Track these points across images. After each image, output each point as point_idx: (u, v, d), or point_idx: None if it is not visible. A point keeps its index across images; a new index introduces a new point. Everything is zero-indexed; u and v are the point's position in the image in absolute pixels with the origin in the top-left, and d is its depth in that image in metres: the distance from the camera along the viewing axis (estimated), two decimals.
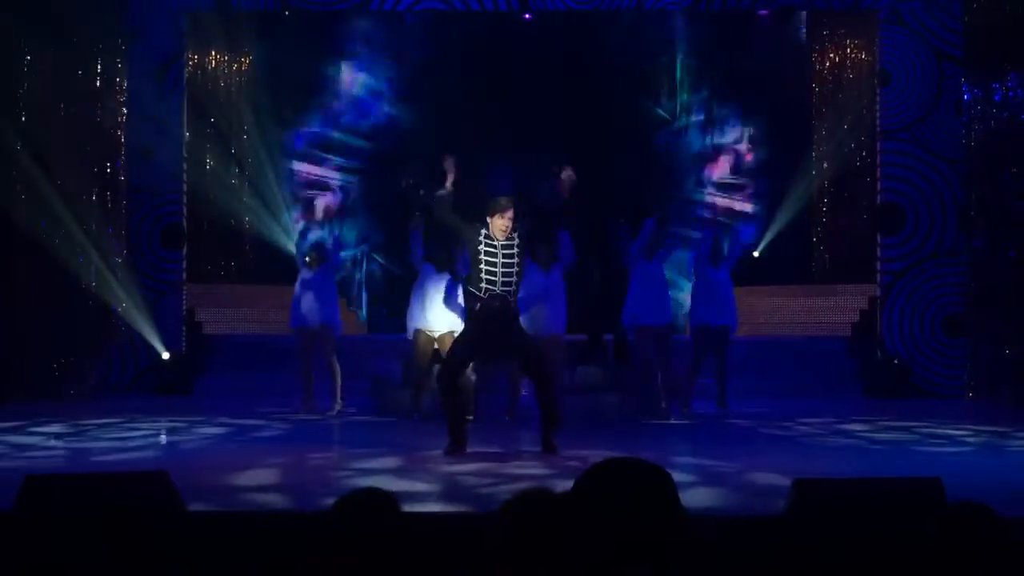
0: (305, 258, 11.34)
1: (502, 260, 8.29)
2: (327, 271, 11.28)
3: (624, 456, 2.74)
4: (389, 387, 11.45)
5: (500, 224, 8.27)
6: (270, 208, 14.99)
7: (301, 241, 11.45)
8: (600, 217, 12.09)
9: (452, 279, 10.52)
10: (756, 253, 15.20)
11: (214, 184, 14.30)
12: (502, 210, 8.28)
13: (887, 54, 13.67)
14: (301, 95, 15.49)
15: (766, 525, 5.35)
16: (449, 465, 7.94)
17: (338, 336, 11.37)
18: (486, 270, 8.28)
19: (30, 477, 5.05)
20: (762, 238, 15.21)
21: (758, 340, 13.52)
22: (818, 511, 4.87)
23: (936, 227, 13.57)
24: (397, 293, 11.64)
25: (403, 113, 15.58)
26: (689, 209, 15.43)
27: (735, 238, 11.84)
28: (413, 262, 10.88)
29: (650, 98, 15.67)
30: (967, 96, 13.24)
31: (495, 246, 8.30)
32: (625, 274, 11.03)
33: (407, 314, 10.87)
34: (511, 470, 7.70)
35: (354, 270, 15.66)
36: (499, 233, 8.29)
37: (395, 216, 12.28)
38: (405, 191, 11.03)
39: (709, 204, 15.62)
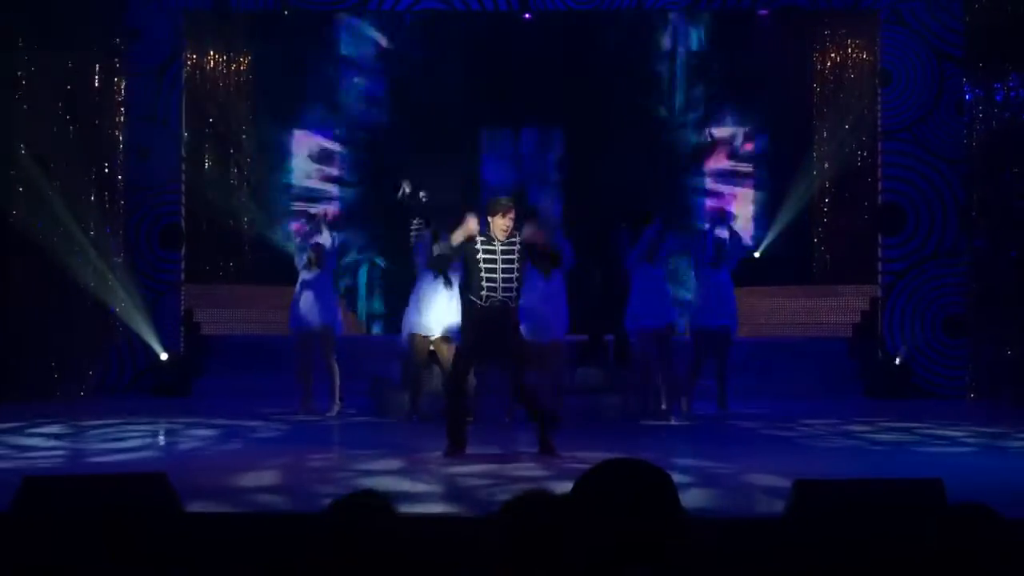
0: (305, 259, 11.31)
1: (502, 265, 8.19)
2: (327, 272, 11.25)
3: (624, 457, 2.72)
4: (388, 388, 11.42)
5: (501, 224, 8.19)
6: (269, 209, 14.98)
7: (301, 242, 11.41)
8: (600, 220, 12.06)
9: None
10: (757, 254, 15.17)
11: (213, 184, 14.28)
12: (504, 210, 8.20)
13: (888, 54, 13.64)
14: (300, 95, 15.46)
15: (766, 526, 5.31)
16: (448, 466, 7.91)
17: (339, 335, 11.34)
18: (486, 276, 8.19)
19: (28, 478, 5.01)
20: (763, 238, 15.18)
21: (758, 341, 13.50)
22: (818, 512, 4.84)
23: (937, 227, 13.53)
24: (396, 293, 11.61)
25: (402, 113, 15.53)
26: (690, 208, 15.40)
27: (736, 241, 11.81)
28: (417, 265, 10.83)
29: (650, 98, 15.63)
30: (968, 96, 13.20)
31: (494, 250, 8.21)
32: (626, 276, 11.00)
33: (403, 317, 10.85)
34: (510, 471, 7.67)
35: (355, 271, 15.64)
36: (500, 233, 8.20)
37: (395, 219, 12.24)
38: (402, 200, 10.95)
39: (712, 195, 15.54)
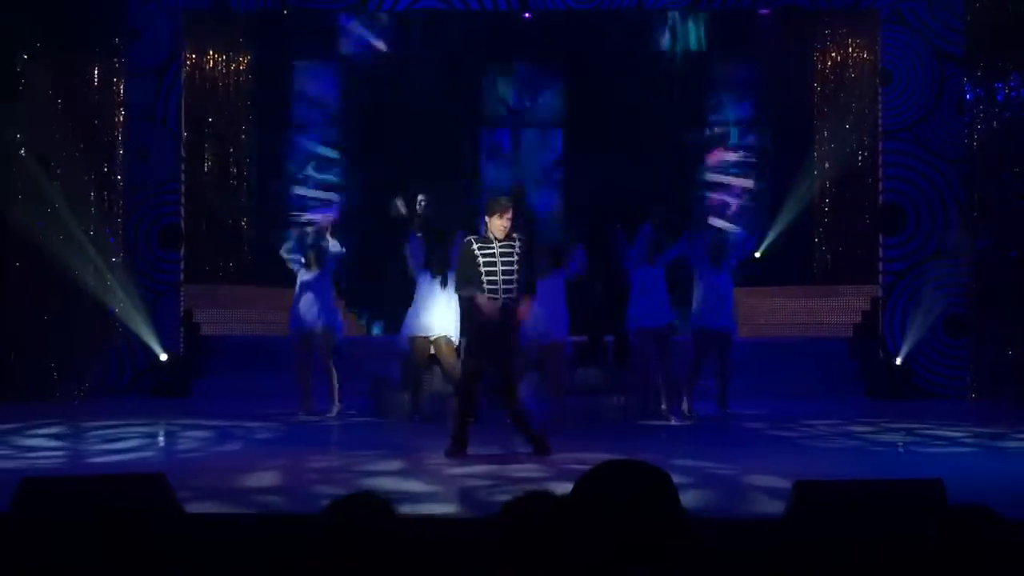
0: (302, 260, 11.27)
1: (501, 265, 8.21)
2: (326, 273, 11.21)
3: (624, 458, 2.71)
4: (388, 388, 11.40)
5: (499, 224, 8.21)
6: (269, 209, 14.95)
7: (294, 244, 11.37)
8: (599, 221, 12.05)
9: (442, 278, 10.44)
10: (758, 254, 15.13)
11: (212, 184, 14.25)
12: (502, 209, 8.22)
13: (888, 54, 13.60)
14: (299, 95, 15.43)
15: (766, 527, 5.31)
16: (449, 467, 7.91)
17: (341, 339, 11.30)
18: (487, 276, 8.21)
19: (26, 479, 5.00)
20: (764, 238, 15.14)
21: (759, 341, 13.45)
22: (819, 513, 4.82)
23: (938, 227, 13.48)
24: (396, 294, 11.59)
25: (401, 114, 15.48)
26: (692, 207, 15.35)
27: (739, 244, 11.75)
28: (412, 268, 10.80)
29: (651, 98, 15.56)
30: (969, 96, 13.15)
31: (493, 251, 8.23)
32: (625, 277, 10.97)
33: (404, 319, 10.80)
34: (511, 472, 7.66)
35: (355, 273, 15.60)
36: (498, 232, 8.22)
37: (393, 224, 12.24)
38: (398, 216, 10.92)
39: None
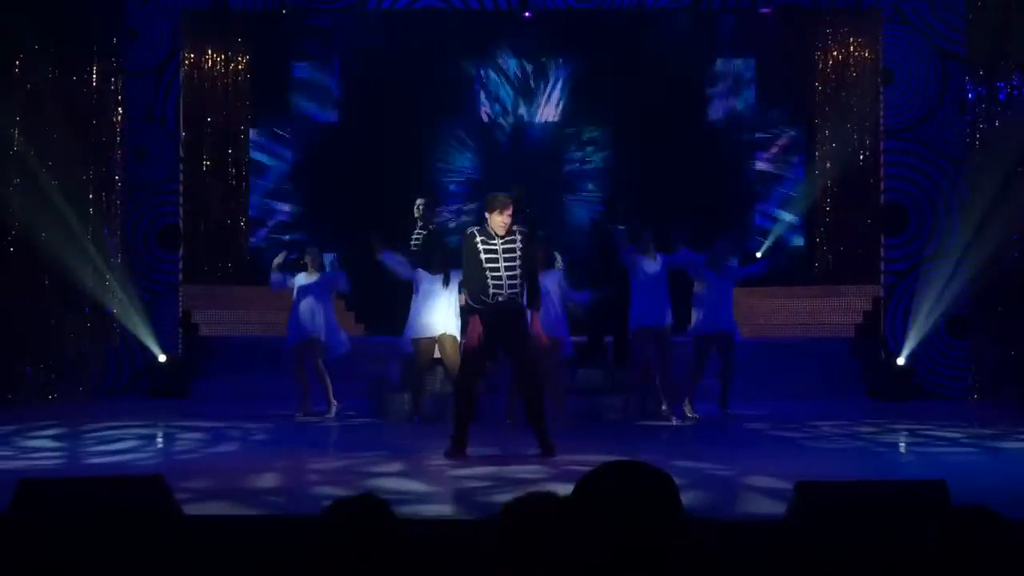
0: (285, 281, 11.17)
1: (504, 262, 8.22)
2: (324, 277, 11.12)
3: (625, 459, 2.69)
4: (387, 389, 11.38)
5: (499, 221, 8.22)
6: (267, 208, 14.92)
7: (284, 258, 11.35)
8: (598, 221, 12.02)
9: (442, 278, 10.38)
10: (759, 254, 15.07)
11: (211, 184, 14.20)
12: (501, 207, 8.24)
13: (890, 52, 13.52)
14: (297, 95, 15.39)
15: (768, 528, 5.31)
16: (449, 468, 7.92)
17: (345, 351, 11.19)
18: (491, 273, 8.22)
19: (24, 481, 5.04)
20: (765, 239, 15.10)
21: (760, 341, 13.36)
22: (820, 514, 4.84)
23: (940, 227, 13.40)
24: (395, 295, 11.57)
25: (402, 112, 15.42)
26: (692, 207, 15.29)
27: (755, 267, 11.57)
28: (403, 276, 10.72)
29: (652, 97, 15.50)
30: (971, 95, 13.08)
31: (495, 248, 8.23)
32: (624, 276, 10.93)
33: (406, 323, 10.70)
34: (511, 473, 7.66)
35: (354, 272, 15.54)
36: (499, 228, 8.23)
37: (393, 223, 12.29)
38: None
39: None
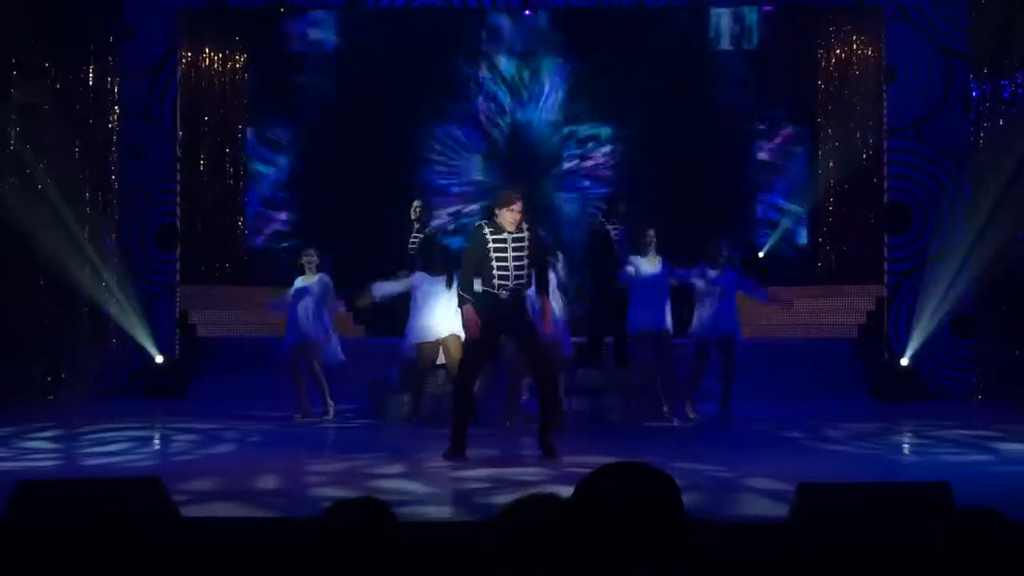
0: (298, 263, 11.11)
1: (513, 255, 8.21)
2: (323, 280, 11.03)
3: (626, 461, 2.65)
4: (386, 390, 11.32)
5: (510, 216, 8.22)
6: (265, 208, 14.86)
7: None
8: (596, 221, 11.98)
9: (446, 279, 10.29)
10: (761, 254, 15.02)
11: (208, 184, 14.14)
12: (510, 203, 8.23)
13: (893, 51, 13.42)
14: (297, 93, 15.33)
15: (770, 530, 5.29)
16: (449, 469, 7.92)
17: (338, 362, 11.10)
18: (498, 267, 8.21)
19: (22, 482, 5.06)
20: (767, 238, 15.03)
21: (762, 342, 13.28)
22: (823, 516, 4.82)
23: (944, 227, 13.30)
24: (394, 296, 11.54)
25: (401, 109, 15.36)
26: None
27: (754, 291, 11.42)
28: (403, 289, 10.64)
29: (652, 95, 15.44)
30: (975, 93, 13.00)
31: (504, 240, 8.22)
32: (623, 277, 10.86)
33: (407, 327, 10.59)
34: (511, 475, 7.64)
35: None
36: (509, 224, 8.22)
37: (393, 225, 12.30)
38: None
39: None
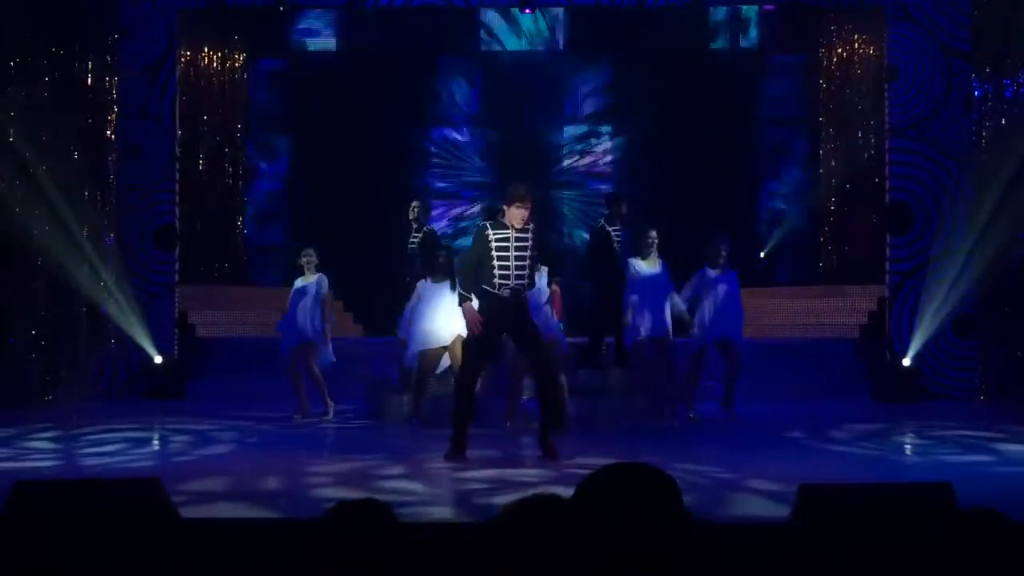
0: (299, 261, 11.06)
1: (515, 253, 8.15)
2: (321, 280, 10.99)
3: (627, 461, 2.63)
4: (386, 391, 11.28)
5: (518, 213, 8.13)
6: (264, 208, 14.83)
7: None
8: (598, 222, 11.97)
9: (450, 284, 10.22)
10: (763, 254, 14.98)
11: (207, 183, 14.10)
12: (520, 199, 8.13)
13: (895, 50, 13.38)
14: (295, 92, 15.31)
15: (771, 532, 5.27)
16: (450, 470, 7.90)
17: (329, 363, 11.04)
18: (499, 264, 8.15)
19: (19, 483, 5.04)
20: (769, 238, 15.00)
21: (764, 342, 13.26)
22: (824, 517, 4.81)
23: (946, 226, 13.25)
24: (394, 297, 11.52)
25: (399, 112, 15.34)
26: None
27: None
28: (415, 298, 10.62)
29: (651, 95, 15.41)
30: (977, 92, 12.96)
31: (508, 238, 8.16)
32: (621, 277, 10.82)
33: (411, 335, 10.49)
34: (512, 476, 7.62)
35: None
36: (516, 221, 8.15)
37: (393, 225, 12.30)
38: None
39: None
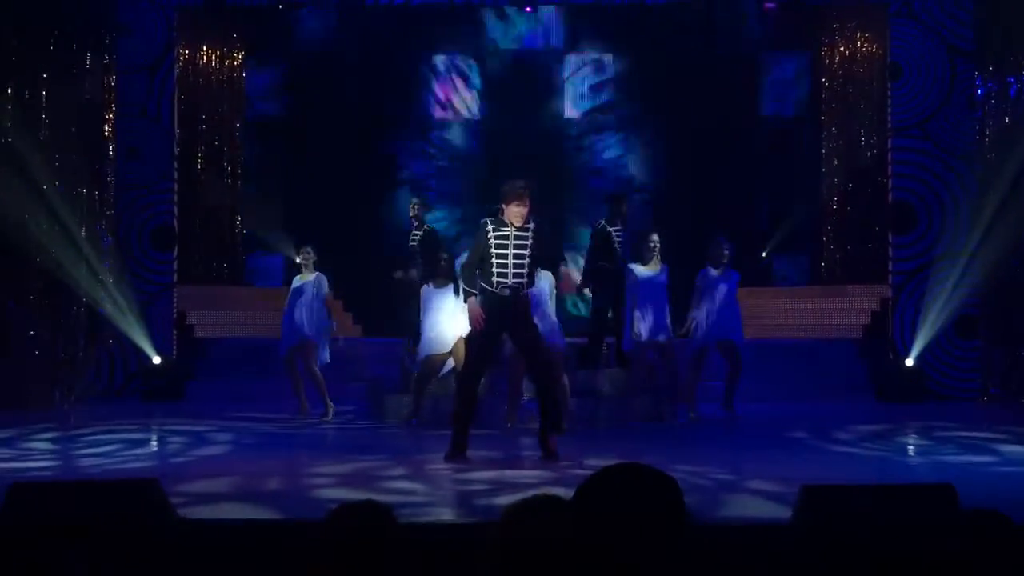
0: (297, 260, 11.04)
1: (514, 251, 8.10)
2: (319, 279, 10.94)
3: (628, 462, 2.58)
4: (385, 391, 11.25)
5: (516, 211, 8.07)
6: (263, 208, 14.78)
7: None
8: (599, 223, 11.95)
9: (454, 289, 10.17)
10: (764, 254, 14.93)
11: (206, 183, 14.06)
12: (519, 197, 8.07)
13: (898, 48, 13.36)
14: (294, 92, 15.27)
15: (773, 532, 5.26)
16: (450, 471, 7.88)
17: (325, 359, 11.00)
18: (497, 262, 8.10)
19: (16, 484, 5.03)
20: (771, 238, 14.95)
21: (766, 342, 13.22)
22: (826, 518, 4.78)
23: (949, 226, 13.19)
24: (394, 297, 11.48)
25: (399, 111, 15.30)
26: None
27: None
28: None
29: (651, 94, 15.37)
30: (980, 91, 12.93)
31: (507, 236, 8.10)
32: (621, 278, 10.77)
33: (420, 340, 10.42)
34: (513, 477, 7.60)
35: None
36: (515, 219, 8.09)
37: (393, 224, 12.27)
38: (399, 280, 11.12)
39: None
